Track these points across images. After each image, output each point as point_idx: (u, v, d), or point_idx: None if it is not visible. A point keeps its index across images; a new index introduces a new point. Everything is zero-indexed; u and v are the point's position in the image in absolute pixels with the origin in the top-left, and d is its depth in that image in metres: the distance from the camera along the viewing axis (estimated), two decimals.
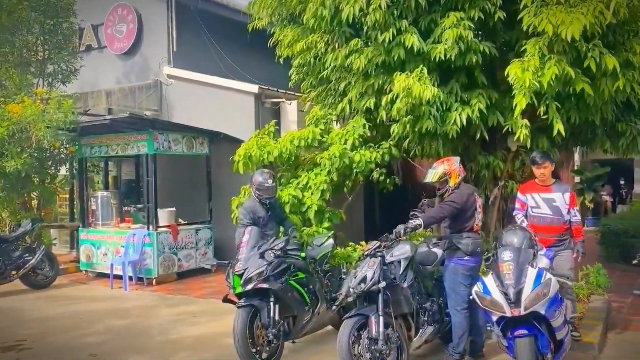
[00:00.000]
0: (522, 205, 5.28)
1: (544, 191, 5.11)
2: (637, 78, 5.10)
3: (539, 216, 5.12)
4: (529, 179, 7.14)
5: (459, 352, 4.60)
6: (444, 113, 5.67)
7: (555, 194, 5.07)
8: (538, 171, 5.08)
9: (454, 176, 4.61)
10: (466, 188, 4.74)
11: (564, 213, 5.06)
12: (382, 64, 5.63)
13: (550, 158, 5.11)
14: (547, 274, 3.70)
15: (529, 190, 5.24)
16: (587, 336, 5.19)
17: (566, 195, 5.07)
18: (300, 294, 4.86)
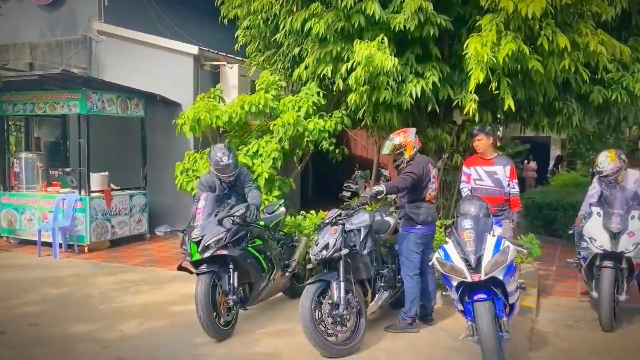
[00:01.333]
0: (468, 177, 5.52)
1: (486, 164, 5.38)
2: (582, 59, 5.37)
3: (481, 188, 5.40)
4: (472, 152, 7.45)
5: (410, 316, 4.76)
6: (399, 84, 5.72)
7: (497, 167, 5.36)
8: (473, 143, 5.40)
9: (409, 148, 4.71)
10: (422, 159, 4.85)
11: (504, 185, 5.37)
12: (342, 30, 5.56)
13: (484, 131, 5.36)
14: (506, 241, 3.87)
15: (473, 163, 5.50)
16: (524, 300, 5.52)
17: (507, 168, 5.37)
18: (257, 261, 4.80)
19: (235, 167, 4.91)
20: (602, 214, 5.17)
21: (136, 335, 4.67)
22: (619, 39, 6.32)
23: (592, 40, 5.20)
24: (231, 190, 5.02)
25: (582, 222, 5.33)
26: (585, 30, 5.27)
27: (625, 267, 5.03)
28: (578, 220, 5.42)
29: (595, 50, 5.17)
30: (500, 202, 5.40)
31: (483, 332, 3.62)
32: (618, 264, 5.01)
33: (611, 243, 4.96)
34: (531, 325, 5.07)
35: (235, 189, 5.06)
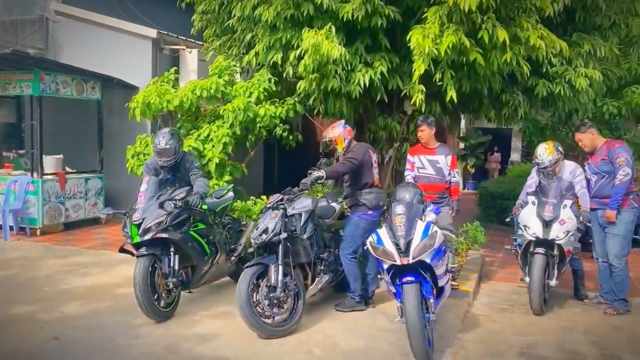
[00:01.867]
0: (412, 165, 5.76)
1: (429, 153, 5.66)
2: (523, 52, 5.55)
3: (423, 176, 5.66)
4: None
5: (358, 295, 4.95)
6: (348, 73, 5.82)
7: (439, 156, 5.64)
8: (417, 133, 5.69)
9: (339, 141, 4.90)
10: (361, 145, 5.02)
11: (445, 174, 5.65)
12: (291, 18, 5.61)
13: (427, 122, 5.64)
14: (434, 227, 4.03)
15: (417, 152, 5.77)
16: (464, 285, 5.75)
17: (448, 158, 5.66)
18: (200, 245, 4.86)
19: (174, 153, 4.89)
20: (537, 203, 5.39)
21: (77, 316, 4.70)
22: (565, 34, 6.57)
23: (533, 34, 5.38)
24: (175, 175, 5.04)
25: (519, 211, 5.54)
26: (527, 25, 5.44)
27: (556, 254, 5.26)
28: (515, 209, 5.63)
29: (535, 44, 5.34)
30: (441, 190, 5.65)
31: (408, 313, 3.77)
32: (549, 251, 5.25)
33: (543, 231, 5.19)
34: (467, 308, 5.28)
35: (179, 175, 5.08)
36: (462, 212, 7.15)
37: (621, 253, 5.26)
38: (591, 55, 6.33)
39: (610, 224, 5.28)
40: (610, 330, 4.84)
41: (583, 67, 6.32)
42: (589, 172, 5.53)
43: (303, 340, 4.28)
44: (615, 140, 5.45)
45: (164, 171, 5.01)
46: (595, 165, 5.46)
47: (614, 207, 5.20)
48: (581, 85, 6.19)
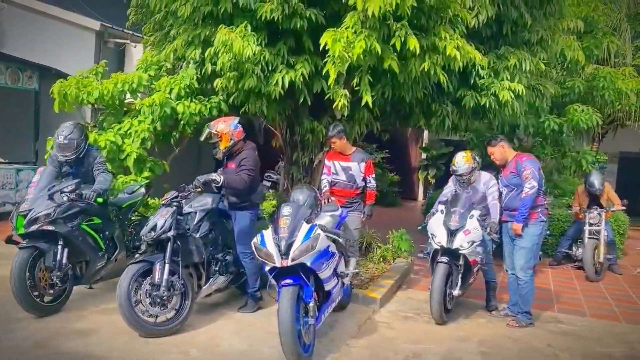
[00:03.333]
0: (329, 170, 5.81)
1: (343, 160, 5.74)
2: (440, 62, 5.56)
3: (337, 181, 5.76)
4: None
5: (256, 291, 4.98)
6: (269, 73, 5.76)
7: (352, 162, 5.71)
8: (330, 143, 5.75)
9: (224, 139, 4.81)
10: (251, 151, 4.97)
11: (357, 180, 5.72)
12: (210, 14, 5.55)
13: (336, 134, 5.69)
14: (318, 230, 3.98)
15: (333, 157, 5.86)
16: (373, 292, 5.72)
17: (362, 165, 5.72)
18: (94, 239, 4.74)
19: (75, 147, 4.77)
20: (445, 212, 5.39)
21: None
22: (496, 47, 6.62)
23: (449, 44, 5.39)
24: (78, 169, 4.92)
25: (430, 219, 5.54)
26: (445, 35, 5.45)
27: (461, 264, 5.27)
28: (428, 217, 5.63)
29: (451, 54, 5.36)
30: (351, 196, 5.74)
31: (280, 315, 3.72)
32: (454, 260, 5.25)
33: (448, 240, 5.19)
34: (370, 315, 5.25)
35: (83, 170, 4.96)
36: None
37: (527, 265, 5.29)
38: (517, 69, 6.37)
39: (518, 236, 5.31)
40: (506, 342, 4.85)
41: (509, 80, 6.37)
42: (501, 185, 5.57)
43: (185, 340, 4.20)
44: (523, 154, 5.49)
45: (67, 165, 4.89)
46: (505, 178, 5.50)
47: (520, 220, 5.23)
48: (505, 98, 6.23)
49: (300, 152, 6.97)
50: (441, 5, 5.43)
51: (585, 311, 6.07)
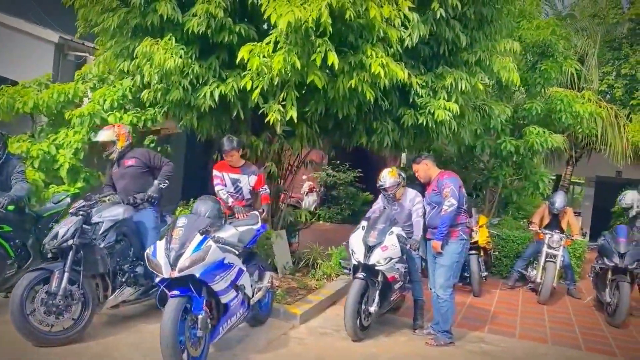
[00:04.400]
0: (221, 180, 5.88)
1: (233, 172, 5.84)
2: (367, 79, 5.60)
3: (227, 193, 5.87)
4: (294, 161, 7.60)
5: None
6: (199, 86, 5.80)
7: (242, 175, 5.81)
8: (227, 158, 5.77)
9: (122, 140, 5.30)
10: (151, 151, 5.68)
11: (244, 192, 5.86)
12: (139, 27, 5.61)
13: (232, 147, 5.71)
14: (210, 241, 3.94)
15: (223, 169, 5.90)
16: (297, 308, 5.67)
17: (252, 178, 5.86)
18: (2, 247, 4.72)
19: None
20: (366, 228, 5.38)
21: None
22: (437, 66, 6.68)
23: (375, 62, 5.44)
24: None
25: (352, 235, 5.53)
26: (371, 52, 5.51)
27: (380, 280, 5.23)
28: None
29: (375, 71, 5.41)
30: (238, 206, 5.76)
31: (162, 326, 3.68)
32: (372, 277, 5.22)
33: (365, 256, 5.17)
34: (286, 330, 5.20)
35: (1, 179, 4.96)
36: None
37: (446, 284, 5.27)
38: (454, 88, 6.42)
39: (439, 254, 5.29)
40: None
41: (446, 100, 6.42)
42: (425, 203, 5.58)
43: (77, 351, 4.15)
44: (445, 172, 5.49)
45: None
46: (428, 196, 5.51)
47: (439, 238, 5.23)
48: (440, 117, 6.28)
49: None
50: (367, 24, 5.50)
51: (516, 332, 6.03)
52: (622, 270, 6.76)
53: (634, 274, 6.85)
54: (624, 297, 6.56)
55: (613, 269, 6.85)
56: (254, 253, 5.33)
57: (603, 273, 7.09)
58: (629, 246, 6.84)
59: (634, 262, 6.74)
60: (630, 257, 6.74)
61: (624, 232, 7.09)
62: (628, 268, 6.72)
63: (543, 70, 9.69)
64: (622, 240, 6.92)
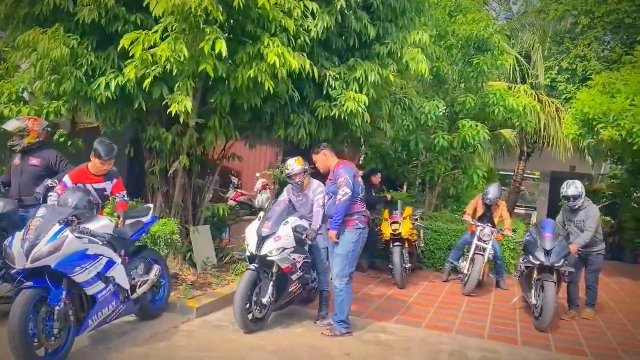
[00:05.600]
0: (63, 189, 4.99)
1: (97, 181, 5.06)
2: (266, 69, 5.54)
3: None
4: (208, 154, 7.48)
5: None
6: (98, 77, 5.68)
7: (105, 183, 5.09)
8: (102, 167, 5.00)
9: (32, 135, 5.06)
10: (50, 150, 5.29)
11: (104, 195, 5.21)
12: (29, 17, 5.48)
13: (113, 158, 5.05)
14: (67, 231, 3.84)
15: (85, 179, 5.00)
16: (196, 301, 5.59)
17: (108, 184, 5.12)
18: None
19: None
20: (262, 219, 5.33)
21: None
22: (350, 58, 6.66)
23: (271, 52, 5.39)
24: None
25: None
26: (268, 42, 5.46)
27: (274, 271, 5.18)
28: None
29: (271, 61, 5.36)
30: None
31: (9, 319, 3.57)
32: (266, 267, 5.17)
33: (257, 246, 5.12)
34: (177, 324, 5.12)
35: None
36: None
37: (342, 273, 5.24)
38: (364, 80, 6.41)
39: (335, 243, 5.26)
40: (302, 350, 4.76)
41: (357, 91, 6.41)
42: (324, 193, 5.56)
43: None
44: (341, 161, 5.46)
45: None
46: (326, 185, 5.48)
47: (334, 227, 5.21)
48: (350, 108, 6.26)
49: (154, 160, 6.87)
50: (264, 14, 5.45)
51: (424, 322, 6.04)
52: (549, 268, 6.13)
53: (560, 272, 6.22)
54: (548, 299, 5.94)
55: (539, 268, 6.23)
56: (144, 246, 5.24)
57: (529, 272, 6.47)
58: (555, 242, 6.22)
59: (560, 260, 6.10)
60: (556, 254, 6.11)
61: (550, 226, 6.52)
62: (554, 266, 6.10)
63: (476, 64, 9.75)
64: (548, 236, 6.30)
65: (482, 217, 8.10)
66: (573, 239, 6.47)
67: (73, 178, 4.93)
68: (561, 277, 6.30)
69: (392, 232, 7.76)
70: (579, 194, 6.45)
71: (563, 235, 6.57)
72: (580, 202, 6.47)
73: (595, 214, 6.48)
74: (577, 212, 6.53)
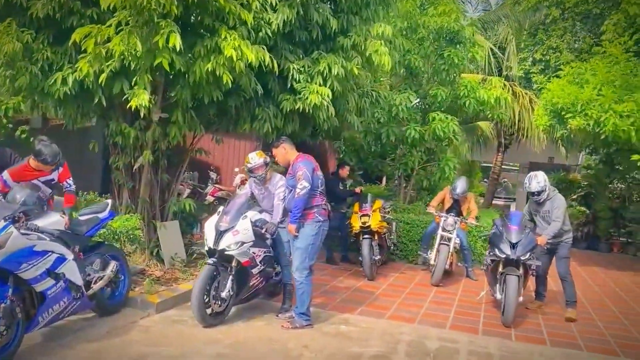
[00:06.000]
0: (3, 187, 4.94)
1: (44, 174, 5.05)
2: (225, 63, 5.51)
3: None
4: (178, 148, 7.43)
5: None
6: (56, 72, 5.62)
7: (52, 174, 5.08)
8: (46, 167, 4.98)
9: None
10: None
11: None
12: None
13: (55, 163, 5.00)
14: (11, 228, 3.77)
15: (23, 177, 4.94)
16: (159, 297, 5.57)
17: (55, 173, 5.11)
18: None
19: None
20: (221, 213, 5.33)
21: None
22: (313, 51, 6.65)
23: (228, 45, 5.37)
24: None
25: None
26: (225, 35, 5.43)
27: (233, 265, 5.18)
28: None
29: (227, 54, 5.33)
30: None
31: None
32: (225, 262, 5.17)
33: (214, 241, 5.11)
34: (136, 319, 5.10)
35: None
36: None
37: (302, 266, 5.25)
38: (328, 73, 6.40)
39: (295, 236, 5.27)
40: (259, 343, 4.77)
41: (321, 84, 6.40)
42: (285, 187, 5.56)
43: None
44: (301, 155, 5.45)
45: None
46: (286, 179, 5.48)
47: (293, 221, 5.21)
48: (312, 101, 6.26)
49: (118, 156, 6.82)
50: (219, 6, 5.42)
51: (387, 313, 6.07)
52: (515, 262, 5.96)
53: (527, 266, 6.04)
54: (510, 293, 5.78)
55: (504, 261, 6.03)
56: (101, 242, 5.21)
57: (494, 266, 6.23)
58: (521, 235, 6.05)
59: (527, 253, 5.95)
60: (522, 247, 5.95)
61: (517, 218, 6.37)
62: (520, 260, 5.94)
63: (447, 56, 9.78)
64: (514, 228, 6.12)
65: (450, 209, 8.16)
66: (540, 231, 6.43)
67: (14, 176, 4.83)
68: (528, 270, 6.13)
69: (362, 225, 7.77)
70: (542, 189, 6.28)
71: (530, 227, 6.47)
72: (544, 195, 6.32)
73: (561, 204, 6.32)
74: (543, 204, 6.40)
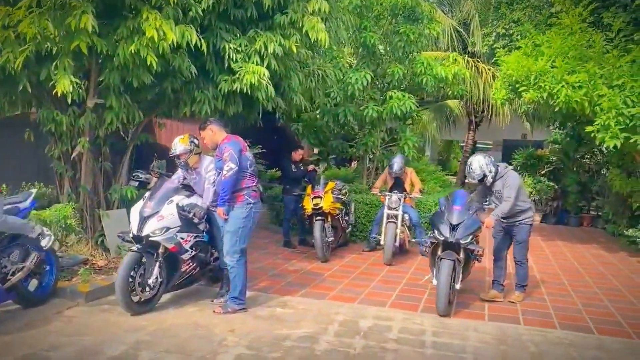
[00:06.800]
0: None
1: None
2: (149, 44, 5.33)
3: None
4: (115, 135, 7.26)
5: None
6: None
7: None
8: None
9: None
10: None
11: None
12: None
13: None
14: None
15: None
16: (90, 286, 5.46)
17: None
18: None
19: None
20: (146, 198, 5.21)
21: None
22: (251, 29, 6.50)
23: (149, 26, 5.20)
24: None
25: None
26: (147, 15, 5.26)
27: (160, 252, 5.07)
28: None
29: (148, 34, 5.17)
30: None
31: None
32: (151, 249, 5.06)
33: (138, 227, 5.00)
34: (61, 309, 5.00)
35: None
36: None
37: (232, 250, 5.15)
38: (265, 52, 6.26)
39: (225, 220, 5.16)
40: (183, 329, 4.66)
41: (259, 63, 6.27)
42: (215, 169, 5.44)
43: None
44: (228, 136, 5.32)
45: None
46: (214, 162, 5.36)
47: (221, 204, 5.11)
48: (248, 80, 6.12)
49: (55, 145, 6.66)
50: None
51: (329, 294, 6.01)
52: (454, 245, 5.49)
53: (468, 250, 5.53)
54: (442, 279, 5.32)
55: (443, 244, 5.55)
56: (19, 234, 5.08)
57: (434, 248, 5.70)
58: (464, 216, 5.54)
59: (468, 236, 5.44)
60: (463, 229, 5.45)
61: (461, 198, 5.79)
62: (460, 243, 5.44)
63: (402, 32, 9.63)
64: (457, 209, 5.60)
65: (393, 187, 8.12)
66: None
67: None
68: (469, 256, 5.65)
69: (314, 207, 7.69)
70: (482, 173, 5.75)
71: (478, 207, 5.96)
72: (489, 178, 5.78)
73: (513, 182, 5.75)
74: (494, 184, 5.85)
